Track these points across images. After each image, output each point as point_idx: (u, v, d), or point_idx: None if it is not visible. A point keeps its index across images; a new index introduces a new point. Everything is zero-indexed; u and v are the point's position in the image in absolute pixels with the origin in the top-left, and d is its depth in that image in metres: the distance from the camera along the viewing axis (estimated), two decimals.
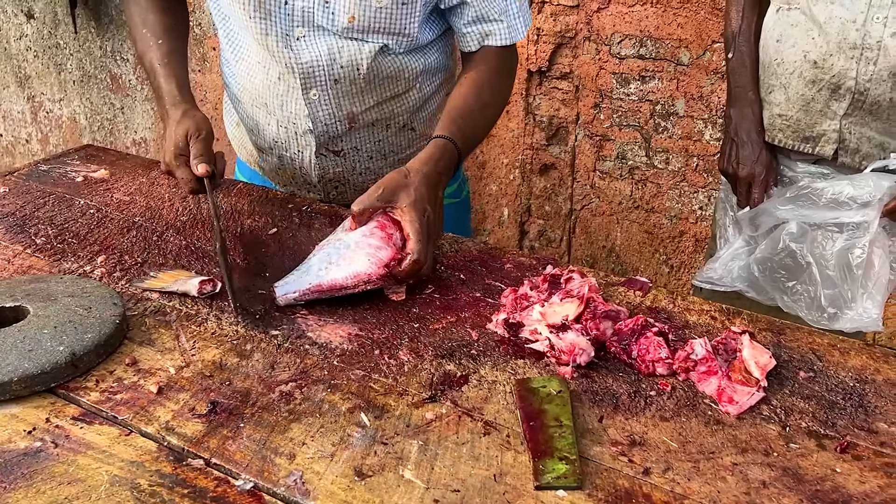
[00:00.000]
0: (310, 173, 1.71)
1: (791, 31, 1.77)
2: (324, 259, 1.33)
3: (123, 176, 1.79)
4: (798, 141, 1.82)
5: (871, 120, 1.73)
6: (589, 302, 1.24)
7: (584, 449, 1.02)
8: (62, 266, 1.42)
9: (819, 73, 1.73)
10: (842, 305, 1.69)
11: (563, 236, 3.19)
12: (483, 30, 1.61)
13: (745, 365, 1.14)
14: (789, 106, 1.80)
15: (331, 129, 1.63)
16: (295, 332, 1.25)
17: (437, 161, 1.44)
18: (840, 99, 1.73)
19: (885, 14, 1.64)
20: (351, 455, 1.00)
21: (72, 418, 1.06)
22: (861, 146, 1.77)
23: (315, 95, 1.58)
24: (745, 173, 1.84)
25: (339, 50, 1.53)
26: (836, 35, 1.69)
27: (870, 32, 1.66)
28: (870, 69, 1.68)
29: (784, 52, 1.78)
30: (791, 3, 1.77)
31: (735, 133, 1.88)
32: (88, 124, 4.37)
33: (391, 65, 1.59)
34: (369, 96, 1.61)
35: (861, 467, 1.00)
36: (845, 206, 1.69)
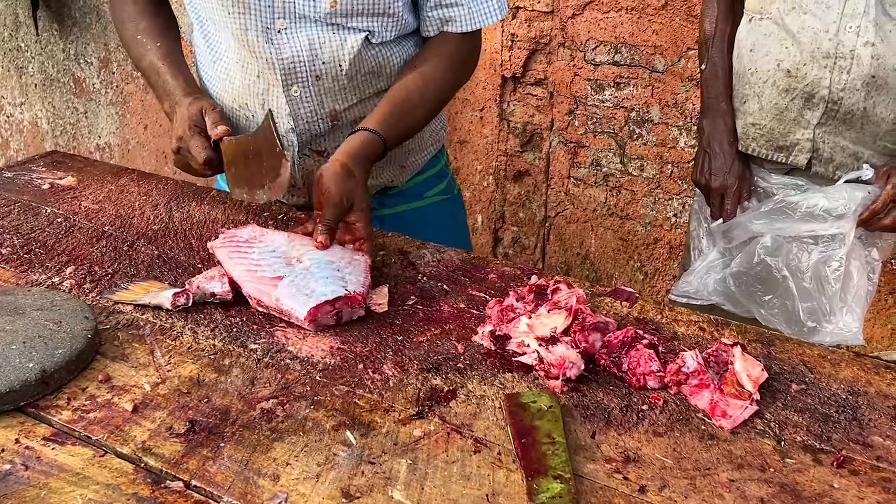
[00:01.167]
0: (294, 174, 1.66)
1: (764, 41, 1.77)
2: (291, 288, 1.29)
3: (91, 183, 1.74)
4: (772, 150, 1.82)
5: (845, 129, 1.73)
6: (577, 314, 1.22)
7: (578, 466, 0.99)
8: (29, 277, 1.37)
9: (792, 81, 1.73)
10: (820, 318, 1.68)
11: (538, 243, 3.17)
12: (444, 14, 1.57)
13: (738, 378, 1.12)
14: (763, 115, 1.80)
15: (313, 127, 1.59)
16: (274, 346, 1.21)
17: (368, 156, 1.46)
18: (814, 108, 1.73)
19: (857, 23, 1.64)
20: (337, 475, 0.96)
21: (43, 439, 1.01)
22: (834, 155, 1.76)
23: (296, 92, 1.54)
24: (718, 184, 1.83)
25: (320, 44, 1.49)
26: (809, 44, 1.69)
27: (843, 42, 1.65)
28: (843, 78, 1.67)
29: (757, 62, 1.78)
30: (763, 13, 1.77)
31: (708, 144, 1.87)
32: (51, 129, 4.28)
33: (373, 59, 1.55)
34: (352, 93, 1.58)
35: (858, 482, 0.98)
36: (820, 219, 1.68)
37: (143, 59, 1.60)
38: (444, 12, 1.57)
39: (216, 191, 1.72)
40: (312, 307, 1.23)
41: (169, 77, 1.55)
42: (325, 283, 1.28)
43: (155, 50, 1.58)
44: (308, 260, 1.34)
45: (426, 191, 1.83)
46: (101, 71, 3.96)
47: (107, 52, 3.89)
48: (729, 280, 1.78)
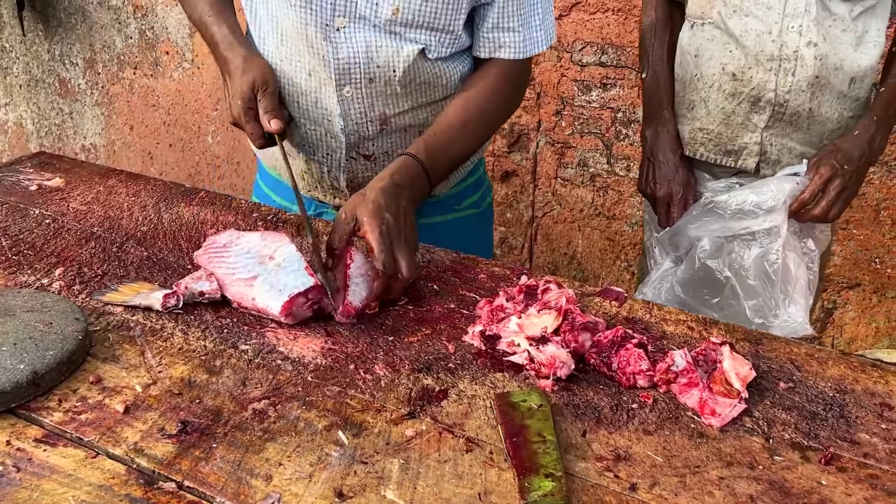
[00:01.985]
0: (338, 177, 1.65)
1: (708, 46, 1.77)
2: (265, 286, 1.29)
3: (79, 184, 1.73)
4: (720, 155, 1.83)
5: (792, 131, 1.75)
6: (567, 313, 1.22)
7: (569, 465, 0.99)
8: (18, 279, 1.36)
9: (738, 85, 1.74)
10: (767, 314, 1.69)
11: (525, 243, 3.18)
12: (498, 39, 1.56)
13: (726, 376, 1.13)
14: (710, 120, 1.81)
15: (361, 129, 1.57)
16: (265, 347, 1.21)
17: (393, 174, 1.41)
18: (760, 111, 1.74)
19: (799, 23, 1.66)
20: (330, 475, 0.96)
21: (34, 440, 1.01)
22: (782, 157, 1.78)
23: (349, 93, 1.52)
24: (663, 193, 1.84)
25: (377, 48, 1.48)
26: (753, 47, 1.70)
27: (786, 43, 1.67)
28: (788, 80, 1.69)
29: (702, 67, 1.79)
30: (704, 18, 1.77)
31: (651, 153, 1.87)
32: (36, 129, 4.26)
33: (428, 71, 1.54)
34: (404, 100, 1.56)
35: (846, 479, 0.99)
36: (752, 215, 1.69)
37: (193, 13, 1.60)
38: (499, 36, 1.55)
39: (205, 192, 1.71)
40: (286, 301, 1.24)
41: (215, 27, 1.55)
42: (296, 276, 1.28)
43: (204, 3, 1.58)
44: (279, 256, 1.34)
45: (462, 200, 1.81)
46: (86, 71, 3.94)
47: (92, 52, 3.87)
48: (677, 288, 1.78)
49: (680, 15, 1.88)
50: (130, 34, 3.74)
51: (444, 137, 1.52)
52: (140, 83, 3.82)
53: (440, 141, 1.52)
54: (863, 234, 2.63)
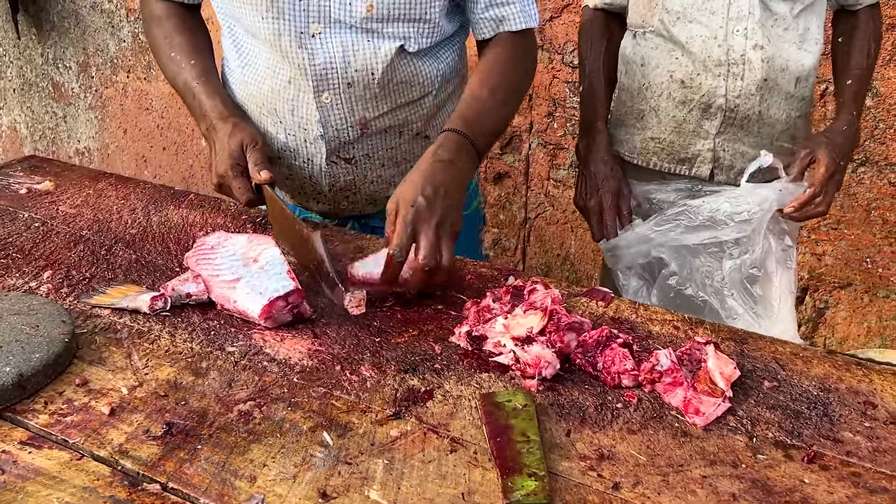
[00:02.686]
0: (320, 182, 1.65)
1: (653, 54, 1.77)
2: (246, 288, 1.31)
3: (69, 187, 1.74)
4: (673, 163, 1.82)
5: (743, 135, 1.75)
6: (552, 314, 1.23)
7: (553, 464, 1.00)
8: (6, 282, 1.37)
9: (688, 92, 1.73)
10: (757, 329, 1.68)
11: (518, 245, 3.19)
12: (497, 14, 1.57)
13: (711, 375, 1.13)
14: (661, 129, 1.80)
15: (342, 134, 1.58)
16: (252, 349, 1.21)
17: (435, 152, 1.40)
18: (711, 117, 1.74)
19: (744, 26, 1.66)
20: (314, 476, 0.97)
21: (19, 442, 1.01)
22: (735, 162, 1.77)
23: (327, 99, 1.53)
24: (594, 203, 1.81)
25: (353, 52, 1.48)
26: (700, 53, 1.70)
27: (733, 47, 1.67)
28: (738, 84, 1.69)
29: (649, 76, 1.78)
30: (645, 27, 1.77)
31: (585, 165, 1.85)
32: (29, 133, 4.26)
33: (406, 69, 1.54)
34: (383, 102, 1.56)
35: (829, 478, 0.99)
36: (721, 224, 1.67)
37: (177, 78, 1.59)
38: (496, 12, 1.57)
39: (194, 195, 1.72)
40: (265, 305, 1.24)
41: (204, 98, 1.54)
42: (277, 280, 1.28)
43: (189, 69, 1.57)
44: (263, 259, 1.34)
45: None
46: (79, 75, 3.94)
47: (86, 56, 3.87)
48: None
49: (618, 25, 1.88)
50: (124, 37, 3.74)
51: (476, 107, 1.51)
52: (133, 86, 3.83)
53: (473, 111, 1.50)
54: (854, 234, 2.64)
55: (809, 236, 2.69)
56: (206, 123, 1.54)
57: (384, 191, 1.59)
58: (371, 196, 1.68)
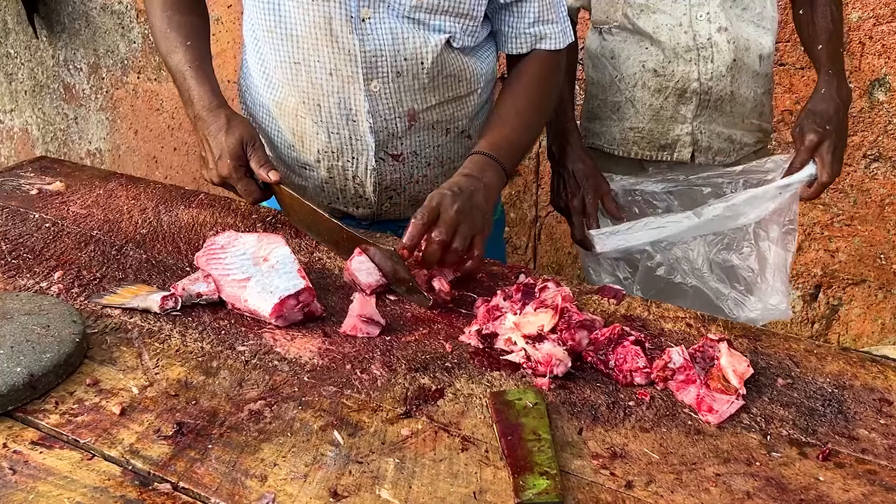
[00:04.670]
0: (365, 182, 1.63)
1: (622, 47, 1.79)
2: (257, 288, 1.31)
3: (80, 188, 1.74)
4: (654, 150, 1.85)
5: (718, 116, 1.79)
6: (563, 312, 1.22)
7: (565, 463, 0.99)
8: (17, 282, 1.37)
9: (662, 80, 1.77)
10: (744, 308, 1.68)
11: (529, 243, 3.18)
12: (540, 32, 1.60)
13: (724, 373, 1.12)
14: (639, 118, 1.82)
15: (391, 125, 1.56)
16: (262, 348, 1.21)
17: (462, 170, 1.46)
18: (687, 102, 1.77)
19: (706, 10, 1.70)
20: (325, 475, 0.96)
21: (31, 443, 1.01)
22: (712, 143, 1.82)
23: (376, 87, 1.51)
24: (577, 203, 1.80)
25: (403, 39, 1.48)
26: (668, 42, 1.73)
27: (699, 32, 1.71)
28: (709, 67, 1.73)
29: (621, 68, 1.80)
30: (609, 22, 1.79)
31: (561, 165, 1.85)
32: (41, 135, 4.27)
33: (455, 63, 1.55)
34: (431, 94, 1.56)
35: (844, 475, 0.98)
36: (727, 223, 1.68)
37: (170, 57, 1.58)
38: (540, 29, 1.60)
39: (204, 195, 1.72)
40: (276, 304, 1.24)
41: (193, 84, 1.53)
42: (287, 279, 1.28)
43: (184, 50, 1.56)
44: (273, 258, 1.34)
45: None
46: (90, 77, 3.95)
47: (96, 57, 3.89)
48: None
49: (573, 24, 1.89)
50: (134, 39, 3.75)
51: (503, 131, 1.55)
52: (144, 87, 3.83)
53: (500, 134, 1.54)
54: (867, 231, 2.62)
55: (822, 233, 2.68)
56: (193, 110, 1.54)
57: (427, 191, 1.60)
58: (414, 198, 1.67)
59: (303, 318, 1.27)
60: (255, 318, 1.28)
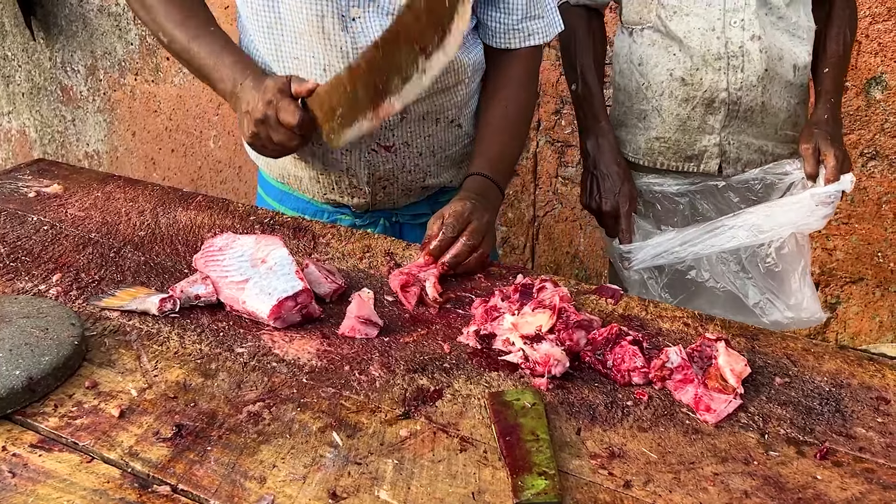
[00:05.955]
0: (358, 173, 1.65)
1: (650, 52, 1.76)
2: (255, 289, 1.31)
3: (77, 190, 1.74)
4: (680, 161, 1.82)
5: (747, 126, 1.75)
6: (561, 312, 1.22)
7: (563, 463, 0.99)
8: (16, 285, 1.37)
9: (690, 90, 1.73)
10: (774, 311, 1.68)
11: (527, 243, 3.18)
12: (527, 28, 1.61)
13: (721, 372, 1.13)
14: (666, 128, 1.79)
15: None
16: (261, 350, 1.21)
17: (462, 191, 1.53)
18: (715, 112, 1.74)
19: (741, 17, 1.67)
20: (324, 476, 0.96)
21: (30, 446, 1.01)
22: (741, 154, 1.78)
23: None
24: (609, 207, 1.79)
25: None
26: (698, 48, 1.70)
27: (731, 39, 1.67)
28: (739, 77, 1.69)
29: (648, 75, 1.78)
30: (643, 23, 1.76)
31: (594, 165, 1.83)
32: (39, 137, 4.27)
33: None
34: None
35: (842, 474, 0.99)
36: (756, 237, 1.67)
37: (194, 43, 1.56)
38: (528, 25, 1.60)
39: (202, 196, 1.72)
40: (274, 305, 1.24)
41: (231, 57, 1.53)
42: (286, 280, 1.28)
43: (211, 33, 1.57)
44: (271, 259, 1.34)
45: None
46: (88, 78, 3.95)
47: (94, 59, 3.89)
48: (663, 295, 1.77)
49: (598, 22, 1.89)
50: (131, 40, 3.75)
51: (497, 145, 1.60)
52: (141, 89, 3.84)
53: (494, 151, 1.59)
54: (865, 229, 2.63)
55: (820, 231, 2.68)
56: (233, 82, 1.51)
57: (420, 180, 1.61)
58: (407, 187, 1.69)
59: (301, 319, 1.27)
60: (254, 320, 1.28)
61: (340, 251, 1.51)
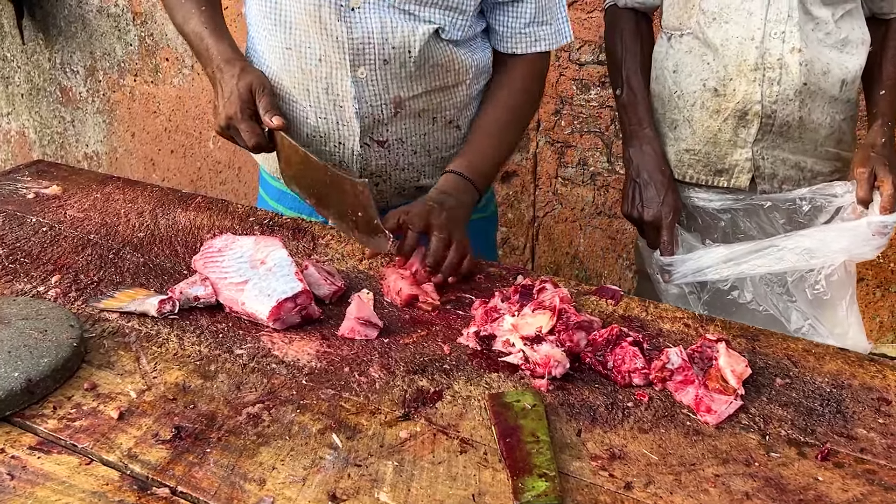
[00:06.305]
0: (351, 167, 1.64)
1: (686, 59, 1.71)
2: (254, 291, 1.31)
3: (77, 192, 1.74)
4: (710, 175, 1.75)
5: (783, 141, 1.68)
6: (561, 313, 1.22)
7: (564, 464, 0.99)
8: (14, 287, 1.36)
9: (722, 101, 1.67)
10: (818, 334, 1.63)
11: (527, 243, 3.18)
12: (535, 34, 1.60)
13: (722, 373, 1.13)
14: (696, 140, 1.73)
15: (376, 111, 1.57)
16: (260, 351, 1.21)
17: (437, 188, 1.51)
18: (748, 125, 1.67)
19: (782, 29, 1.60)
20: (324, 478, 0.96)
21: (29, 448, 1.01)
22: (777, 170, 1.71)
23: (363, 74, 1.52)
24: (652, 216, 1.72)
25: (392, 28, 1.49)
26: (734, 57, 1.63)
27: (769, 50, 1.61)
28: (774, 90, 1.62)
29: (682, 84, 1.72)
30: (682, 29, 1.71)
31: (637, 174, 1.76)
32: (38, 138, 4.27)
33: (443, 53, 1.54)
34: (418, 83, 1.56)
35: (843, 475, 0.98)
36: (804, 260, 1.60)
37: (186, 24, 1.60)
38: (535, 30, 1.60)
39: (201, 197, 1.71)
40: (274, 307, 1.24)
41: (212, 41, 1.55)
42: (285, 281, 1.28)
43: (199, 14, 1.58)
44: (271, 261, 1.34)
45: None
46: (87, 79, 3.95)
47: (93, 60, 3.88)
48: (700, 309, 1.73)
49: (646, 26, 1.83)
50: (130, 41, 3.74)
51: (482, 146, 1.59)
52: (141, 90, 3.83)
53: (477, 153, 1.58)
54: None
55: None
56: (212, 66, 1.54)
57: (414, 180, 1.60)
58: (400, 185, 1.68)
59: (300, 320, 1.27)
60: (253, 322, 1.28)
61: (340, 252, 1.50)
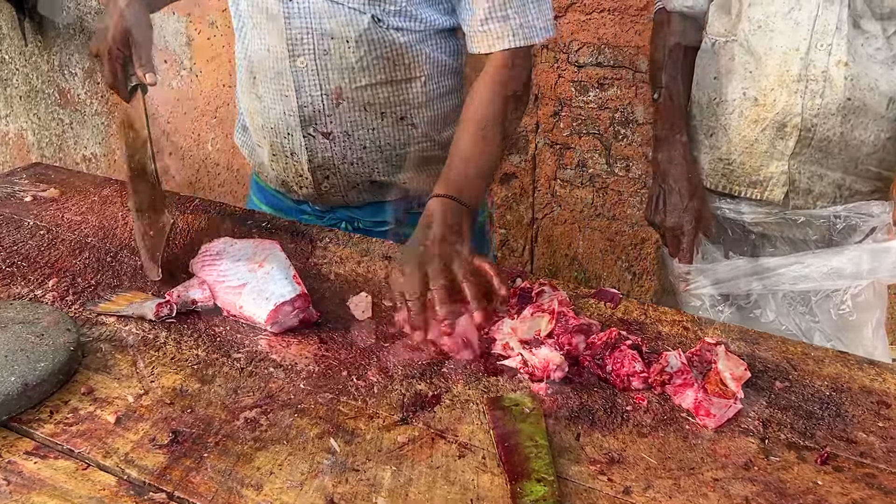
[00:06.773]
0: (300, 158, 1.63)
1: (729, 66, 1.67)
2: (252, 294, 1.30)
3: (74, 195, 1.73)
4: (744, 186, 1.71)
5: (822, 157, 1.63)
6: (560, 316, 1.22)
7: (562, 469, 0.99)
8: (11, 290, 1.36)
9: (761, 111, 1.63)
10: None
11: (526, 245, 3.17)
12: (494, 31, 1.50)
13: (721, 377, 1.12)
14: (731, 149, 1.69)
15: (315, 101, 1.55)
16: (258, 355, 1.20)
17: (421, 220, 1.38)
18: (786, 137, 1.62)
19: (829, 41, 1.55)
20: (321, 483, 0.96)
21: (25, 453, 1.01)
22: (813, 186, 1.66)
23: (302, 64, 1.52)
24: (672, 223, 1.69)
25: (329, 18, 1.48)
26: (776, 67, 1.60)
27: (814, 62, 1.56)
28: (816, 103, 1.58)
29: (722, 91, 1.68)
30: (728, 36, 1.67)
31: (663, 179, 1.73)
32: (36, 140, 4.26)
33: (389, 46, 1.52)
34: (360, 75, 1.54)
35: (843, 479, 0.98)
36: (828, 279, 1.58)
37: None
38: (494, 27, 1.49)
39: (199, 200, 1.71)
40: (272, 310, 1.24)
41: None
42: (283, 285, 1.28)
43: None
44: (269, 264, 1.33)
45: None
46: (85, 81, 3.94)
47: (91, 62, 3.87)
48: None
49: (693, 31, 1.78)
50: None
51: (462, 169, 1.47)
52: None
53: (459, 174, 1.46)
54: None
55: None
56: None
57: (366, 175, 1.57)
58: (352, 180, 1.65)
59: (298, 324, 1.27)
60: (251, 325, 1.27)
61: (338, 255, 1.50)
